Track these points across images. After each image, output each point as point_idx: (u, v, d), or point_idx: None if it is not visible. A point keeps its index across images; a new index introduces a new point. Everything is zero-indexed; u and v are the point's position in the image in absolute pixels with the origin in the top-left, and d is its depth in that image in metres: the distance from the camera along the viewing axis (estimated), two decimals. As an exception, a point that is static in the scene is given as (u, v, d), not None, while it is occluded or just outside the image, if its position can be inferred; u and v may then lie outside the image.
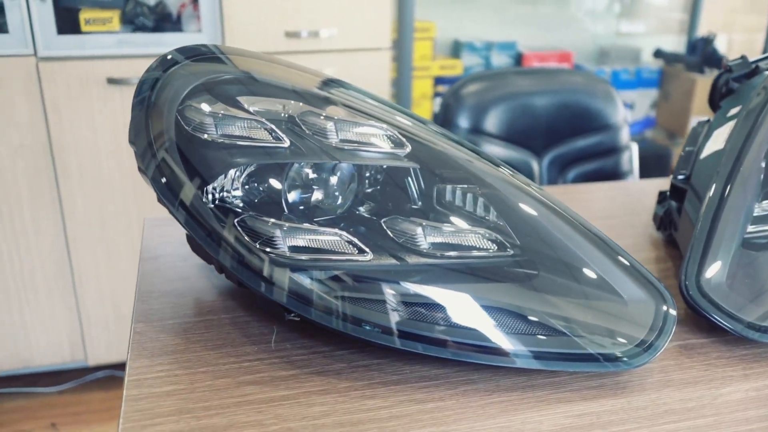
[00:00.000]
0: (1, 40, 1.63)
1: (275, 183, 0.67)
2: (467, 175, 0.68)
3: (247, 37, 1.75)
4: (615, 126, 1.56)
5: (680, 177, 0.84)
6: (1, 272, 1.81)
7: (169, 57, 0.71)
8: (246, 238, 0.63)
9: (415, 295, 0.61)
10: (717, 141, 0.83)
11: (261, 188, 0.67)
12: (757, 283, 0.66)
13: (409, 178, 0.69)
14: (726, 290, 0.65)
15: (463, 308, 0.60)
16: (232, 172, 0.65)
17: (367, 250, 0.64)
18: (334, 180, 0.70)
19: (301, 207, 0.69)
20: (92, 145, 1.75)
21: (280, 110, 0.68)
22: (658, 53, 2.56)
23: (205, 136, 0.66)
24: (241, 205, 0.65)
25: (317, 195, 0.69)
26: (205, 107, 0.66)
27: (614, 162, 1.56)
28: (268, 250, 0.62)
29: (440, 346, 0.59)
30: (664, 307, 0.62)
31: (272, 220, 0.64)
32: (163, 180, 0.63)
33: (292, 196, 0.68)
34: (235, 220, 0.64)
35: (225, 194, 0.65)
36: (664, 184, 1.12)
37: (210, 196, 0.64)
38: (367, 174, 0.69)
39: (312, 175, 0.69)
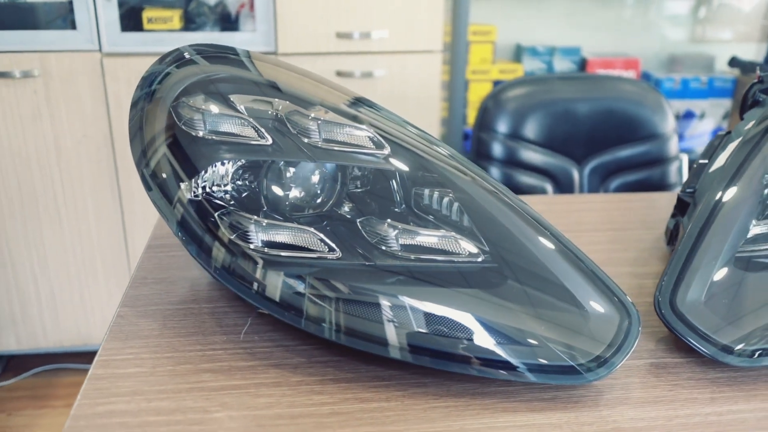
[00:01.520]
0: (70, 36, 1.73)
1: (258, 180, 0.69)
2: (444, 180, 0.68)
3: (299, 37, 1.79)
4: (664, 136, 1.50)
5: (688, 190, 0.81)
6: (64, 256, 1.92)
7: (185, 54, 0.75)
8: (223, 230, 0.65)
9: (379, 295, 0.61)
10: (727, 154, 0.79)
11: (247, 185, 0.69)
12: (739, 304, 0.63)
13: (393, 181, 0.69)
14: (703, 309, 0.63)
15: (425, 311, 0.60)
16: (220, 167, 0.68)
17: (336, 248, 0.65)
18: (315, 179, 0.72)
19: (286, 204, 0.70)
20: (150, 137, 1.84)
21: (270, 110, 0.70)
22: (733, 62, 2.44)
23: (194, 132, 0.68)
24: (231, 201, 0.67)
25: (299, 193, 0.71)
26: (195, 104, 0.69)
27: (661, 173, 1.51)
28: (240, 243, 0.64)
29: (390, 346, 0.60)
30: (626, 324, 0.60)
31: (247, 214, 0.66)
32: (163, 175, 0.66)
33: (274, 193, 0.70)
34: (216, 214, 0.66)
35: (215, 188, 0.67)
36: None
37: (200, 190, 0.67)
38: (353, 174, 0.70)
39: (294, 174, 0.71)
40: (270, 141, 0.68)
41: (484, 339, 0.58)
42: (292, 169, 0.71)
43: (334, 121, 0.70)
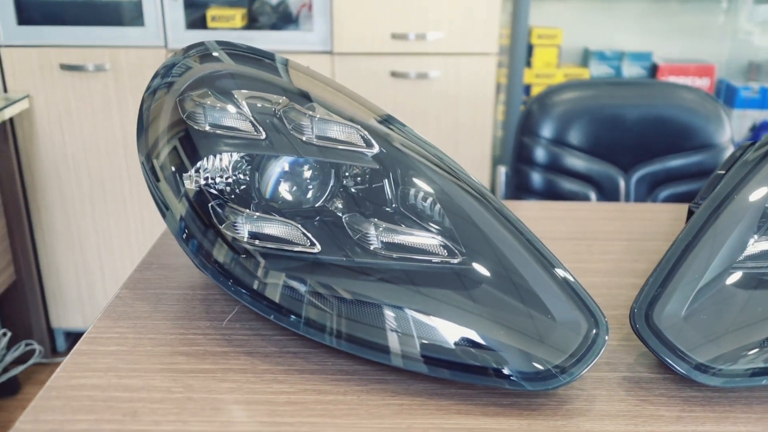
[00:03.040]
0: (138, 32, 1.82)
1: (252, 173, 0.71)
2: (428, 181, 0.68)
3: (355, 38, 1.81)
4: (719, 146, 1.44)
5: (700, 202, 0.78)
6: (128, 242, 2.02)
7: (212, 51, 0.78)
8: (214, 220, 0.67)
9: (353, 291, 0.62)
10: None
11: (247, 178, 0.72)
12: (722, 321, 0.61)
13: (386, 181, 0.70)
14: (681, 325, 0.60)
15: (396, 310, 0.61)
16: (221, 159, 0.71)
17: (316, 242, 0.66)
18: (308, 174, 0.73)
19: (279, 197, 0.72)
20: (210, 131, 1.91)
21: (270, 106, 0.72)
22: (820, 71, 2.30)
23: (196, 125, 0.71)
24: (231, 194, 0.70)
25: (293, 188, 0.73)
26: (198, 98, 0.72)
27: (714, 185, 1.44)
28: (228, 233, 0.66)
29: (359, 344, 0.61)
30: (592, 334, 0.58)
31: (238, 206, 0.68)
32: (172, 168, 0.69)
33: (267, 187, 0.72)
34: (210, 204, 0.69)
35: (218, 180, 0.70)
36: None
37: (202, 181, 0.70)
38: (352, 173, 0.72)
39: (288, 169, 0.73)
40: (264, 136, 0.70)
41: (441, 338, 0.58)
42: (286, 164, 0.73)
43: (326, 118, 0.71)
